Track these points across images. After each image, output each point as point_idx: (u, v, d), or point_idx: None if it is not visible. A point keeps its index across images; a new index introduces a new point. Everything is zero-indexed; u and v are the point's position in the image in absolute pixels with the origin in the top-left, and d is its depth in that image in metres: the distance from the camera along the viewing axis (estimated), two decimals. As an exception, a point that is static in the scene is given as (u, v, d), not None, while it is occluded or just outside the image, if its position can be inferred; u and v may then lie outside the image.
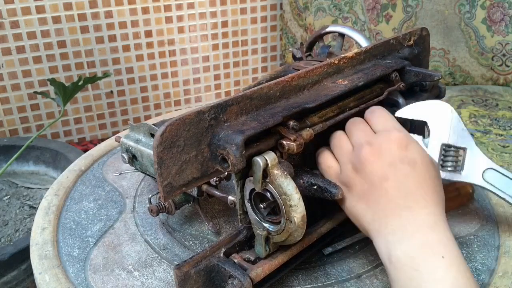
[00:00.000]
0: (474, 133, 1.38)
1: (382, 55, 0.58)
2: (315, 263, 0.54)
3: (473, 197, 0.64)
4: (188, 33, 1.69)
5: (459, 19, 1.64)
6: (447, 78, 1.69)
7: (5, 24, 1.44)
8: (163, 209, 0.57)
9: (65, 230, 0.60)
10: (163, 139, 0.39)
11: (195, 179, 0.43)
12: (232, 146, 0.41)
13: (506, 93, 1.61)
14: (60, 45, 1.52)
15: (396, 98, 0.57)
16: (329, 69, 0.52)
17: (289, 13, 1.73)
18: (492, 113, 1.48)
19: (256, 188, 0.44)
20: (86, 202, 0.66)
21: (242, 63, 1.85)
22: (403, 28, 1.66)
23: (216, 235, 0.59)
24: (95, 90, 1.64)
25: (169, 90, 1.76)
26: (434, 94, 0.62)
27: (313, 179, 0.46)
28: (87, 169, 0.74)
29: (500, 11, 1.60)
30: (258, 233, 0.46)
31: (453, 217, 0.62)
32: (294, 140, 0.44)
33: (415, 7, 1.64)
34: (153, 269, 0.54)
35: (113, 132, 1.73)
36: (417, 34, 0.61)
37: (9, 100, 1.53)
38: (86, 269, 0.54)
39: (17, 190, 1.28)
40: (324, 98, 0.48)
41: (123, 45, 1.61)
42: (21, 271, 0.98)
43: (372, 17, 1.65)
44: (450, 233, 0.42)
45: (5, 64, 1.48)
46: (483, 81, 1.69)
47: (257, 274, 0.46)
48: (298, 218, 0.43)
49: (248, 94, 0.44)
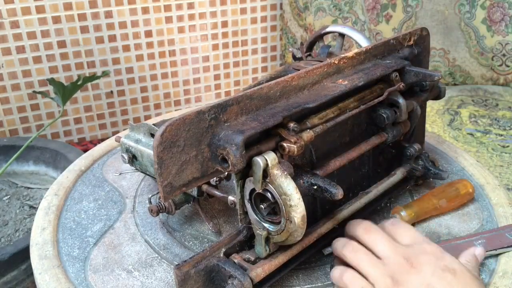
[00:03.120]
0: (474, 133, 1.38)
1: (382, 55, 0.58)
2: (315, 263, 0.54)
3: (473, 197, 0.64)
4: (188, 33, 1.69)
5: (459, 19, 1.64)
6: (447, 78, 1.69)
7: (5, 24, 1.44)
8: (163, 209, 0.57)
9: (65, 230, 0.60)
10: (163, 139, 0.39)
11: (195, 179, 0.43)
12: (232, 146, 0.41)
13: (506, 93, 1.61)
14: (60, 45, 1.52)
15: (396, 98, 0.57)
16: (329, 69, 0.52)
17: (289, 13, 1.73)
18: (492, 113, 1.48)
19: (256, 188, 0.44)
20: (86, 202, 0.66)
21: (242, 63, 1.85)
22: (403, 28, 1.66)
23: (216, 235, 0.59)
24: (95, 90, 1.64)
25: (169, 90, 1.76)
26: (434, 94, 0.62)
27: (313, 179, 0.46)
28: (87, 169, 0.74)
29: (500, 11, 1.60)
30: (258, 233, 0.46)
31: (453, 217, 0.62)
32: (294, 143, 0.44)
33: (415, 7, 1.64)
34: (153, 269, 0.54)
35: (113, 132, 1.73)
36: (417, 34, 0.61)
37: (9, 100, 1.53)
38: (86, 269, 0.54)
39: (17, 190, 1.28)
40: (324, 98, 0.48)
41: (123, 45, 1.61)
42: (21, 271, 0.98)
43: (372, 17, 1.65)
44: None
45: (5, 64, 1.48)
46: (483, 81, 1.69)
47: (257, 274, 0.46)
48: (298, 218, 0.43)
49: (248, 94, 0.44)
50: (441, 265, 0.44)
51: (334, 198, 0.46)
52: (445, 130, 1.39)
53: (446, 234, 0.59)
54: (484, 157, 1.27)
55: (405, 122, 0.59)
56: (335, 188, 0.45)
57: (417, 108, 0.60)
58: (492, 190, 0.67)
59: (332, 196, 0.45)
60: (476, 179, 0.69)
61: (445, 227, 0.60)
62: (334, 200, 0.46)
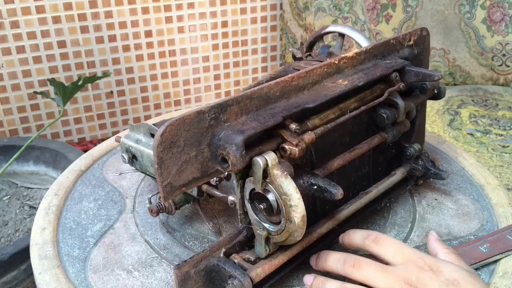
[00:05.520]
0: (474, 133, 1.38)
1: (382, 55, 0.58)
2: (315, 263, 0.54)
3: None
4: (188, 33, 1.69)
5: (459, 19, 1.64)
6: (447, 78, 1.69)
7: (5, 24, 1.44)
8: (163, 209, 0.57)
9: (65, 230, 0.60)
10: (163, 139, 0.39)
11: (195, 179, 0.43)
12: (232, 146, 0.41)
13: (506, 93, 1.61)
14: (60, 45, 1.52)
15: (395, 99, 0.57)
16: (329, 69, 0.52)
17: (289, 13, 1.73)
18: (492, 113, 1.48)
19: (256, 188, 0.44)
20: (86, 202, 0.66)
21: (242, 63, 1.85)
22: (403, 28, 1.66)
23: (216, 235, 0.59)
24: (95, 90, 1.64)
25: (169, 90, 1.76)
26: (430, 95, 0.62)
27: (313, 179, 0.46)
28: (87, 169, 0.74)
29: (500, 11, 1.60)
30: (258, 233, 0.46)
31: (453, 217, 0.62)
32: (296, 145, 0.44)
33: (415, 7, 1.64)
34: (153, 269, 0.54)
35: (113, 132, 1.73)
36: (417, 34, 0.61)
37: (9, 100, 1.53)
38: (86, 269, 0.54)
39: (17, 190, 1.28)
40: (324, 98, 0.48)
41: (123, 45, 1.61)
42: (21, 271, 0.98)
43: (372, 17, 1.65)
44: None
45: (5, 64, 1.48)
46: (483, 81, 1.69)
47: (257, 274, 0.46)
48: (298, 218, 0.43)
49: (248, 94, 0.44)
50: (443, 280, 0.43)
51: (334, 198, 0.46)
52: (445, 130, 1.39)
53: (446, 234, 0.59)
54: (484, 157, 1.27)
55: (404, 122, 0.59)
56: (335, 188, 0.45)
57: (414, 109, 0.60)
58: (492, 190, 0.67)
59: (332, 196, 0.45)
60: (476, 179, 0.69)
61: (445, 227, 0.60)
62: (334, 200, 0.46)
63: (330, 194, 0.45)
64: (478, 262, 0.53)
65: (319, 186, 0.46)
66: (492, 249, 0.54)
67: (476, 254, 0.53)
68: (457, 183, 0.69)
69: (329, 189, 0.45)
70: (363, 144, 0.56)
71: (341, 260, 0.48)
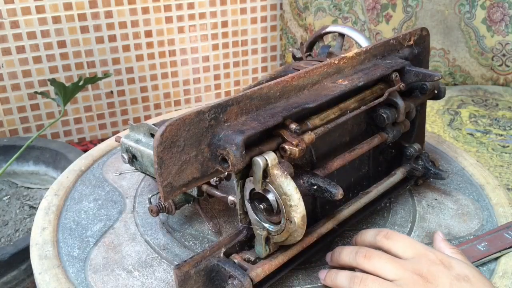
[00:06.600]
0: (474, 133, 1.38)
1: (382, 55, 0.58)
2: (315, 263, 0.54)
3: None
4: (188, 33, 1.69)
5: (459, 19, 1.64)
6: (447, 78, 1.69)
7: (5, 24, 1.44)
8: (163, 209, 0.57)
9: (65, 230, 0.60)
10: (163, 139, 0.39)
11: (195, 179, 0.43)
12: (232, 146, 0.41)
13: (506, 93, 1.61)
14: (60, 45, 1.52)
15: (395, 99, 0.57)
16: (329, 69, 0.52)
17: (289, 13, 1.73)
18: (492, 113, 1.48)
19: (256, 188, 0.44)
20: (86, 202, 0.66)
21: (242, 63, 1.85)
22: (403, 28, 1.66)
23: (216, 235, 0.59)
24: (95, 90, 1.64)
25: (169, 90, 1.76)
26: (430, 95, 0.62)
27: (313, 179, 0.46)
28: (87, 169, 0.74)
29: (500, 11, 1.60)
30: (258, 233, 0.47)
31: (453, 217, 0.62)
32: (296, 145, 0.44)
33: (415, 7, 1.64)
34: (153, 269, 0.54)
35: (113, 132, 1.73)
36: (417, 34, 0.61)
37: (9, 100, 1.53)
38: (86, 269, 0.54)
39: (17, 190, 1.28)
40: (324, 98, 0.48)
41: (123, 45, 1.61)
42: (21, 271, 0.98)
43: (372, 17, 1.65)
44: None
45: (5, 64, 1.48)
46: (483, 81, 1.69)
47: (257, 274, 0.46)
48: (298, 218, 0.43)
49: (248, 94, 0.44)
50: (454, 274, 0.44)
51: (334, 198, 0.46)
52: (445, 130, 1.39)
53: (446, 234, 0.59)
54: (484, 157, 1.27)
55: (404, 122, 0.59)
56: (335, 188, 0.45)
57: (414, 109, 0.60)
58: (492, 190, 0.67)
59: (332, 196, 0.45)
60: (476, 179, 0.69)
61: (445, 227, 0.60)
62: (334, 200, 0.46)
63: (330, 194, 0.45)
64: (476, 261, 0.53)
65: (319, 186, 0.46)
66: (489, 247, 0.54)
67: (474, 252, 0.54)
68: (457, 183, 0.69)
69: (329, 189, 0.45)
70: (363, 144, 0.56)
71: (353, 252, 0.48)
